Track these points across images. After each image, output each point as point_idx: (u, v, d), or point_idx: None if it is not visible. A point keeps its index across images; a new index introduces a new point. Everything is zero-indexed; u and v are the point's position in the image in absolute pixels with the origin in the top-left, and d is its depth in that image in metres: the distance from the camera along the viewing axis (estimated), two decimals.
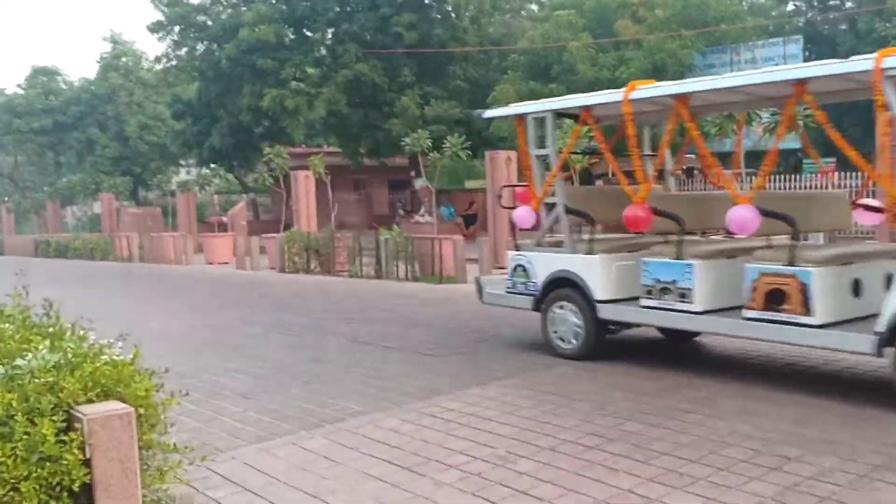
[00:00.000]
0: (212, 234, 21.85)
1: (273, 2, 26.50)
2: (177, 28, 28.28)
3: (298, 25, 26.59)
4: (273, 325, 9.06)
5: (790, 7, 26.46)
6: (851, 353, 4.93)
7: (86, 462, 2.43)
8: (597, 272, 5.94)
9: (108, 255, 24.22)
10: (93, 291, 15.14)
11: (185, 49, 28.87)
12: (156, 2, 27.78)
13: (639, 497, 3.37)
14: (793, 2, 26.46)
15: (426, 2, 24.92)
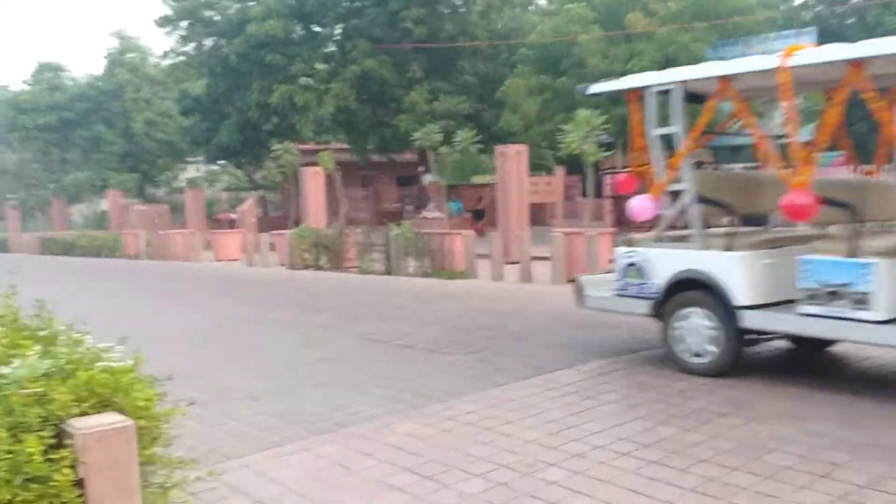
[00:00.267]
0: (221, 231, 21.68)
1: None
2: (184, 23, 28.09)
3: (307, 20, 26.36)
4: (283, 324, 8.83)
5: (798, 1, 25.96)
6: None
7: (78, 482, 2.19)
8: (738, 272, 5.00)
9: (116, 253, 24.08)
10: (98, 289, 14.98)
11: (193, 44, 28.68)
12: None
13: None
14: None
15: None
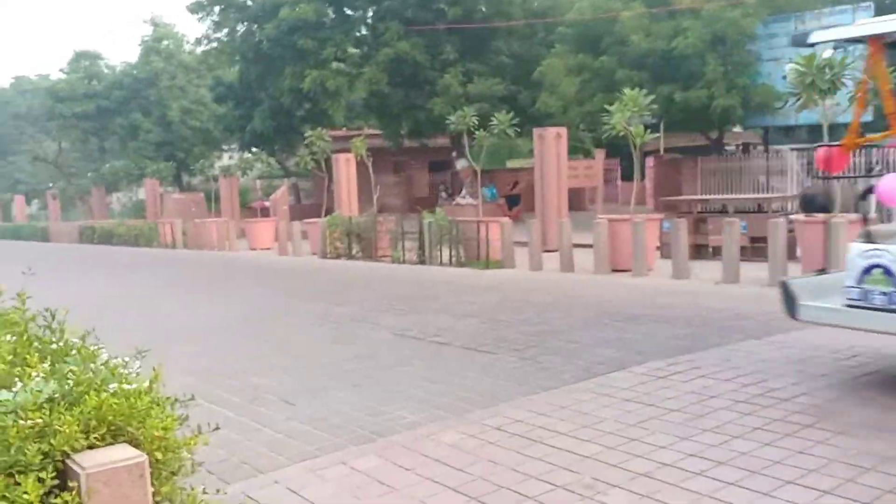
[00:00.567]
0: (254, 220, 21.61)
1: None
2: (217, 8, 27.96)
3: (339, 3, 25.99)
4: (316, 317, 8.58)
5: None
6: None
7: None
8: None
9: (153, 242, 24.25)
10: (132, 281, 14.99)
11: (226, 30, 28.56)
12: None
13: None
14: None
15: None
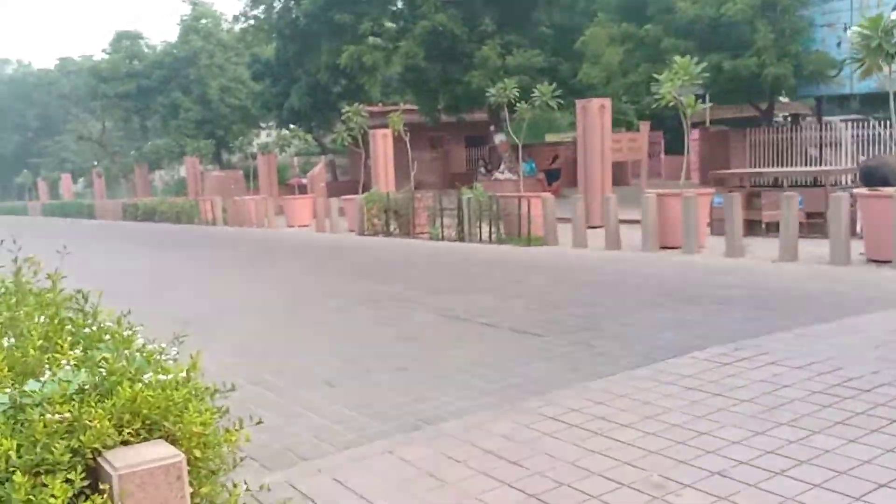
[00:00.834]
0: (292, 197, 21.61)
1: None
2: None
3: None
4: (357, 296, 8.42)
5: None
6: None
7: None
8: None
9: (194, 219, 24.49)
10: (174, 257, 15.09)
11: (263, 6, 28.45)
12: None
13: None
14: None
15: None
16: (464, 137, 31.04)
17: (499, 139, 24.35)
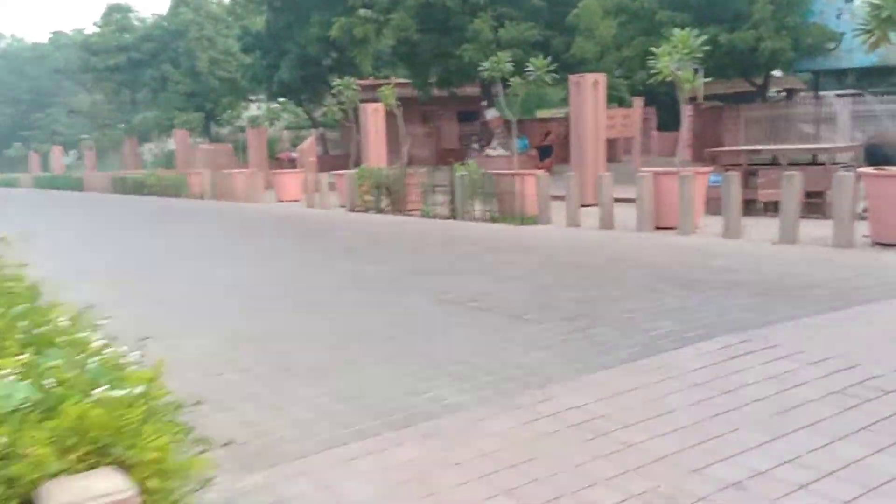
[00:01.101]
0: (282, 171, 21.24)
1: None
2: None
3: None
4: (346, 277, 8.16)
5: None
6: None
7: None
8: None
9: (182, 192, 24.07)
10: (160, 232, 14.75)
11: None
12: None
13: None
14: None
15: None
16: (456, 112, 30.57)
17: (490, 114, 23.94)
